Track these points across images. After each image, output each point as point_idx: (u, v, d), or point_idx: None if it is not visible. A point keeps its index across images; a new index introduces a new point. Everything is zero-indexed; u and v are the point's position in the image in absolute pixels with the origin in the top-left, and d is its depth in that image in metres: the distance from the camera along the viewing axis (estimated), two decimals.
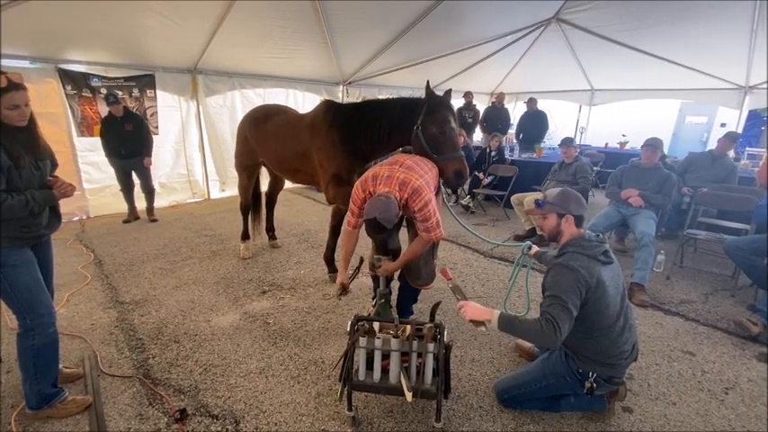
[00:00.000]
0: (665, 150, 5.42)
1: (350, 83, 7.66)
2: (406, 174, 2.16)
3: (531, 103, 7.71)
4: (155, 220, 5.33)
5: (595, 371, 1.85)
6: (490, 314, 1.80)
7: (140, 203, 5.45)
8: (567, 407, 2.03)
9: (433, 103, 2.53)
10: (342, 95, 7.69)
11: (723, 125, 9.21)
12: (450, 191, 6.49)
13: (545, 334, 1.67)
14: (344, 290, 2.36)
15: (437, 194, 2.55)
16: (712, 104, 8.67)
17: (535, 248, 2.45)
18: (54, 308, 1.95)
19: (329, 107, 3.21)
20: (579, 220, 1.90)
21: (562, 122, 10.13)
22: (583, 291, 1.71)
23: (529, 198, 4.63)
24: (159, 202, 5.69)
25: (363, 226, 2.18)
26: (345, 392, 1.87)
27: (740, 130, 7.08)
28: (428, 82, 2.70)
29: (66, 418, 1.96)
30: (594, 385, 1.85)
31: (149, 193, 5.42)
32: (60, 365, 2.10)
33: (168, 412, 2.02)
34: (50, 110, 4.87)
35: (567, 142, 4.64)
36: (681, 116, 10.59)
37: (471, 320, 1.83)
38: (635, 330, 1.94)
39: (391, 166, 2.23)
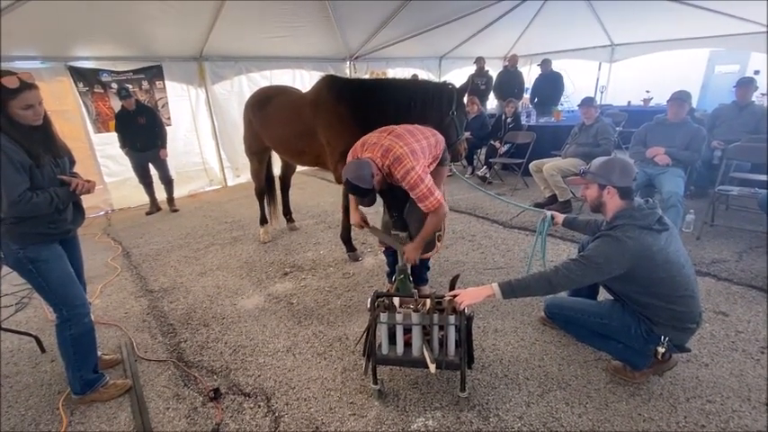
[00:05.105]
0: (693, 104, 5.10)
1: (356, 58, 7.47)
2: (391, 141, 2.17)
3: (546, 64, 7.33)
4: (176, 210, 5.45)
5: (669, 335, 1.78)
6: (490, 290, 1.78)
7: (160, 194, 5.56)
8: (613, 350, 1.99)
9: (462, 92, 2.88)
10: (349, 71, 7.52)
11: (756, 72, 8.56)
12: (465, 163, 6.44)
13: (543, 277, 1.72)
14: (365, 225, 2.59)
15: (441, 166, 2.47)
16: (744, 51, 8.05)
17: (560, 216, 2.37)
18: (87, 299, 2.03)
19: (333, 82, 3.12)
20: (625, 192, 1.77)
21: (580, 83, 9.64)
22: (625, 261, 1.66)
23: (549, 164, 4.48)
24: (177, 192, 5.77)
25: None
26: (370, 367, 1.90)
27: None
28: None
29: (109, 401, 2.07)
30: (665, 349, 1.79)
31: (168, 184, 5.51)
32: (99, 353, 2.21)
33: (203, 392, 2.11)
34: (65, 107, 4.97)
35: (587, 102, 4.43)
36: (710, 66, 9.88)
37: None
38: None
39: (380, 134, 2.27)
